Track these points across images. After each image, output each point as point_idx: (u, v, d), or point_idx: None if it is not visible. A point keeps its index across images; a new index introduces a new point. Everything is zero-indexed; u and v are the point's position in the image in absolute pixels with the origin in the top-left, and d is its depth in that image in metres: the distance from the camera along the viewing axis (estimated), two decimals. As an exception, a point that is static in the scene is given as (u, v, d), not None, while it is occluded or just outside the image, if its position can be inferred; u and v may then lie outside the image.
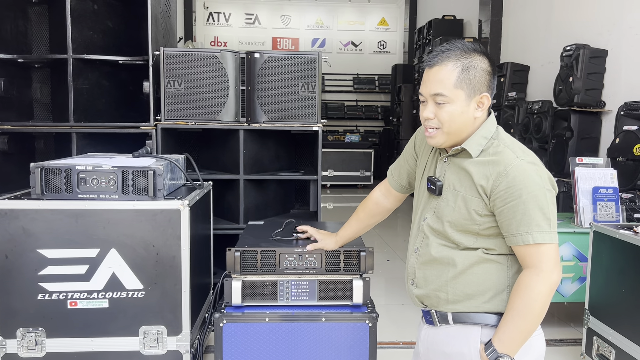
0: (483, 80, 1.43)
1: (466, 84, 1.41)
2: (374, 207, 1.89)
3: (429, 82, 1.45)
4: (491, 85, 1.46)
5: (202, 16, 11.44)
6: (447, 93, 1.41)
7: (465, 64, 1.41)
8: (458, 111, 1.43)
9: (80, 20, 3.01)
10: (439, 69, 1.42)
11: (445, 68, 1.42)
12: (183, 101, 2.97)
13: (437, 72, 1.43)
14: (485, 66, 1.44)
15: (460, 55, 1.42)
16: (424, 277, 1.53)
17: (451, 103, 1.42)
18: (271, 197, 3.32)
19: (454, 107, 1.42)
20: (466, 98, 1.42)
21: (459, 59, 1.42)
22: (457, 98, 1.42)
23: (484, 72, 1.43)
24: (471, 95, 1.42)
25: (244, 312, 1.98)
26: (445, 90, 1.41)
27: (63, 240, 2.13)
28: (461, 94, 1.42)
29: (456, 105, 1.42)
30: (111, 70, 3.21)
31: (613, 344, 2.40)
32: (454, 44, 1.45)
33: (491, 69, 1.45)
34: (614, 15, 4.53)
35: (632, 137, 3.80)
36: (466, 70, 1.41)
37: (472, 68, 1.42)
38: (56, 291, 2.16)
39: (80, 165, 2.13)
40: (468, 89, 1.42)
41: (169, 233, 2.18)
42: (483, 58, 1.44)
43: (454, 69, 1.41)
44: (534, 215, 1.36)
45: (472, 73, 1.41)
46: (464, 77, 1.41)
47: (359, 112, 11.34)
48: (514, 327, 1.37)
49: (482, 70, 1.43)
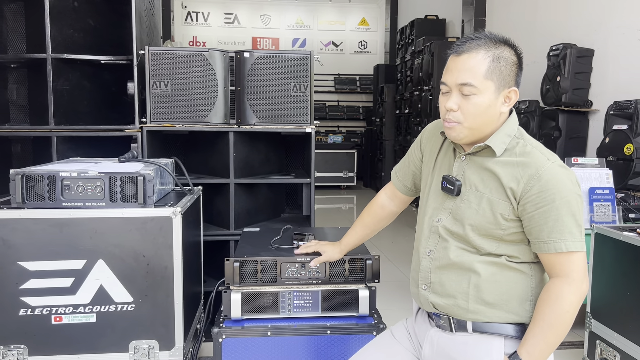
0: (512, 73, 1.36)
1: (497, 75, 1.34)
2: (379, 211, 1.80)
3: (456, 71, 1.36)
4: (518, 80, 1.39)
5: (180, 15, 11.24)
6: (476, 83, 1.33)
7: (496, 55, 1.34)
8: (485, 104, 1.34)
9: (59, 18, 2.86)
10: (469, 57, 1.34)
11: (476, 56, 1.34)
12: (170, 102, 2.84)
13: (467, 60, 1.34)
14: (515, 59, 1.37)
15: (490, 44, 1.35)
16: (441, 282, 1.44)
17: (479, 95, 1.34)
18: (262, 201, 3.21)
19: (482, 100, 1.34)
20: (495, 91, 1.34)
21: (489, 48, 1.34)
22: (487, 90, 1.34)
23: (513, 64, 1.36)
24: (500, 88, 1.35)
25: (244, 325, 1.87)
26: (475, 80, 1.33)
27: (46, 252, 1.99)
28: (491, 86, 1.34)
29: (484, 97, 1.34)
30: (93, 71, 3.06)
31: (618, 348, 2.36)
32: (483, 33, 1.37)
33: (519, 62, 1.38)
34: (600, 15, 4.54)
35: (622, 137, 3.79)
36: (497, 61, 1.33)
37: (502, 59, 1.34)
38: (39, 306, 2.02)
39: (64, 171, 2.00)
40: (498, 81, 1.34)
41: (160, 242, 2.06)
42: (512, 50, 1.38)
43: (485, 58, 1.33)
44: (567, 222, 1.28)
45: (502, 64, 1.34)
46: (495, 67, 1.33)
47: (340, 112, 11.28)
48: (542, 339, 1.30)
49: (512, 62, 1.36)
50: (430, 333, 1.49)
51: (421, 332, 1.54)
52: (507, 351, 1.37)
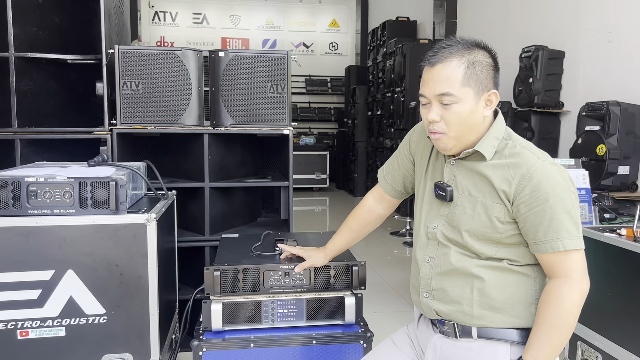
0: (489, 76, 1.33)
1: (474, 80, 1.30)
2: (367, 215, 1.75)
3: (432, 82, 1.32)
4: (497, 82, 1.36)
5: (147, 15, 11.01)
6: (454, 92, 1.29)
7: (471, 60, 1.31)
8: (467, 111, 1.31)
9: (22, 15, 2.72)
10: (443, 66, 1.31)
11: (450, 65, 1.30)
12: (141, 104, 2.73)
13: (442, 70, 1.31)
14: (490, 61, 1.34)
15: (463, 50, 1.31)
16: (443, 289, 1.40)
17: (459, 103, 1.30)
18: (237, 205, 3.12)
19: (463, 107, 1.31)
20: (475, 96, 1.31)
21: (462, 54, 1.31)
22: (466, 97, 1.30)
23: (489, 67, 1.33)
24: (479, 92, 1.32)
25: (225, 337, 1.78)
26: (453, 88, 1.29)
27: (11, 262, 1.87)
28: (469, 92, 1.30)
29: (465, 104, 1.30)
30: (59, 70, 2.92)
31: (599, 348, 2.36)
32: (454, 40, 1.34)
33: (494, 63, 1.35)
34: (570, 17, 4.60)
35: (594, 137, 3.84)
36: (472, 66, 1.30)
37: (477, 63, 1.31)
38: (3, 320, 1.89)
39: (30, 176, 1.88)
40: (476, 86, 1.31)
41: (134, 250, 1.95)
42: (486, 52, 1.35)
43: (459, 65, 1.30)
44: (563, 220, 1.25)
45: (478, 69, 1.31)
46: (471, 73, 1.30)
47: (312, 114, 11.23)
48: (547, 342, 1.26)
49: (488, 65, 1.33)
50: (434, 339, 1.45)
51: (424, 338, 1.50)
52: (512, 357, 1.34)
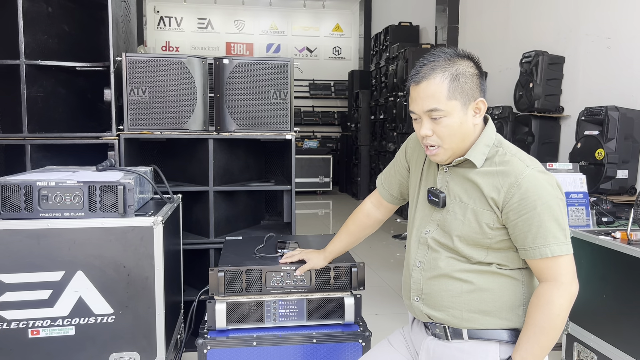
0: (474, 85, 1.37)
1: (459, 93, 1.35)
2: (365, 219, 1.81)
3: (419, 99, 1.37)
4: (483, 89, 1.40)
5: (152, 20, 11.13)
6: (441, 107, 1.34)
7: (454, 73, 1.35)
8: (457, 122, 1.36)
9: (33, 23, 2.80)
10: (428, 83, 1.35)
11: (433, 81, 1.35)
12: (147, 110, 2.80)
13: (427, 87, 1.35)
14: (473, 70, 1.38)
15: (445, 64, 1.36)
16: (432, 293, 1.45)
17: (448, 116, 1.35)
18: (241, 208, 3.19)
19: (452, 120, 1.36)
20: (462, 107, 1.36)
21: (445, 68, 1.35)
22: (453, 109, 1.35)
23: (473, 76, 1.37)
24: (467, 103, 1.36)
25: (229, 336, 1.85)
26: (440, 104, 1.34)
27: (23, 264, 1.93)
28: (456, 105, 1.35)
29: (454, 117, 1.36)
30: (68, 77, 3.00)
31: (595, 349, 2.41)
32: (436, 54, 1.38)
33: (479, 71, 1.40)
34: (570, 23, 4.66)
35: (593, 142, 3.89)
36: (456, 79, 1.34)
37: (461, 75, 1.35)
38: (16, 319, 1.95)
39: (41, 180, 1.95)
40: (462, 97, 1.35)
41: (141, 252, 2.02)
42: (468, 62, 1.39)
43: (443, 80, 1.34)
44: (550, 227, 1.31)
45: (462, 80, 1.35)
46: (456, 86, 1.34)
47: (315, 117, 11.30)
48: (536, 343, 1.32)
49: (471, 75, 1.37)
50: (427, 341, 1.50)
51: (417, 340, 1.55)
52: (502, 356, 1.39)
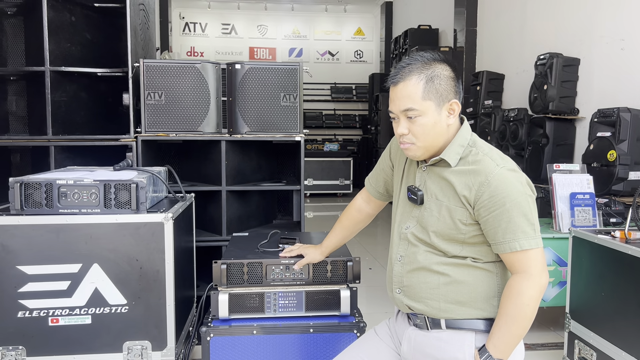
0: (449, 87, 1.46)
1: (433, 94, 1.44)
2: (356, 215, 1.92)
3: (396, 99, 1.47)
4: (458, 91, 1.49)
5: (178, 26, 11.39)
6: (416, 107, 1.44)
7: (429, 75, 1.44)
8: (431, 122, 1.46)
9: (57, 32, 2.97)
10: (404, 85, 1.45)
11: (409, 83, 1.44)
12: (163, 113, 2.95)
13: (403, 88, 1.45)
14: (448, 73, 1.47)
15: (421, 67, 1.45)
16: (412, 285, 1.54)
17: (423, 115, 1.45)
18: (254, 207, 3.31)
19: (426, 119, 1.45)
20: (436, 108, 1.45)
21: (421, 71, 1.45)
22: (428, 109, 1.45)
23: (448, 79, 1.46)
24: (440, 104, 1.46)
25: (231, 325, 1.97)
26: (415, 104, 1.44)
27: (44, 256, 2.09)
28: (431, 105, 1.45)
29: (428, 116, 1.45)
30: (90, 83, 3.17)
31: (594, 346, 2.45)
32: (414, 58, 1.48)
33: (454, 75, 1.49)
34: (585, 25, 4.66)
35: (605, 143, 3.89)
36: (431, 81, 1.44)
37: (436, 77, 1.44)
38: (37, 308, 2.11)
39: (60, 179, 2.10)
40: (436, 98, 1.45)
41: (153, 247, 2.15)
42: (444, 66, 1.48)
43: (419, 81, 1.44)
44: (519, 222, 1.39)
45: (437, 82, 1.44)
46: (430, 87, 1.44)
47: (337, 121, 11.39)
48: (507, 332, 1.40)
49: (446, 77, 1.46)
50: (408, 331, 1.59)
51: (400, 330, 1.64)
52: (477, 345, 1.47)
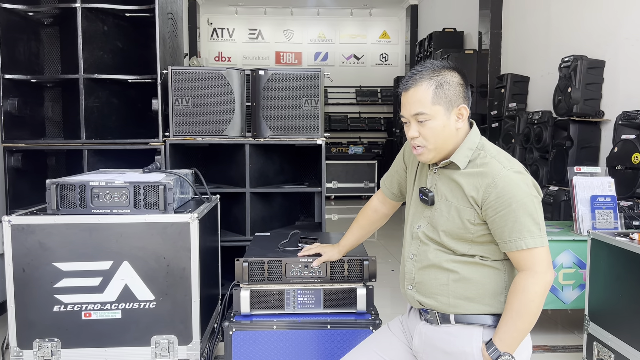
0: (458, 93, 1.54)
1: (442, 99, 1.52)
2: (373, 215, 2.00)
3: (408, 104, 1.56)
4: (466, 97, 1.57)
5: (206, 32, 11.61)
6: (426, 111, 1.52)
7: (438, 81, 1.53)
8: (440, 125, 1.53)
9: (90, 41, 3.13)
10: (415, 91, 1.54)
11: (420, 88, 1.53)
12: (190, 118, 3.07)
13: (414, 94, 1.54)
14: (457, 79, 1.55)
15: (431, 74, 1.53)
16: (423, 282, 1.62)
17: (432, 119, 1.53)
18: (277, 209, 3.40)
19: (436, 123, 1.53)
20: (445, 112, 1.53)
21: (431, 77, 1.53)
22: (437, 113, 1.53)
23: (457, 85, 1.54)
24: (449, 108, 1.54)
25: (252, 320, 2.06)
26: (425, 108, 1.52)
27: (78, 254, 2.21)
28: (440, 109, 1.53)
29: (437, 120, 1.53)
30: (121, 89, 3.32)
31: (612, 348, 2.46)
32: (424, 65, 1.57)
33: (463, 81, 1.57)
34: (611, 27, 4.62)
35: (630, 146, 3.86)
36: (440, 87, 1.52)
37: (445, 84, 1.53)
38: (71, 303, 2.23)
39: (93, 181, 2.22)
40: (445, 103, 1.53)
41: (179, 245, 2.25)
42: (454, 72, 1.56)
43: (429, 87, 1.52)
44: (525, 222, 1.45)
45: (446, 88, 1.52)
46: (439, 93, 1.52)
47: (362, 124, 11.44)
48: (513, 326, 1.46)
49: (455, 83, 1.54)
50: (419, 326, 1.66)
51: (412, 325, 1.71)
52: (485, 339, 1.53)
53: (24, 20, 3.24)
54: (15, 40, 3.16)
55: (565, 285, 3.00)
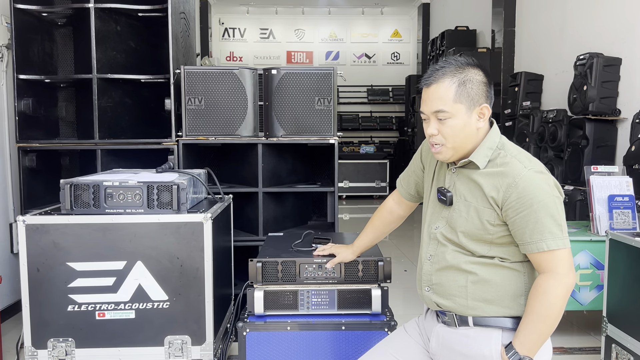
0: (480, 92, 1.50)
1: (465, 97, 1.47)
2: (388, 216, 1.97)
3: (428, 101, 1.51)
4: (489, 96, 1.52)
5: (217, 32, 11.64)
6: (447, 109, 1.48)
7: (461, 79, 1.48)
8: (460, 124, 1.49)
9: (104, 41, 3.13)
10: (437, 87, 1.49)
11: (442, 85, 1.48)
12: (203, 117, 3.06)
13: (435, 90, 1.49)
14: (481, 78, 1.50)
15: (455, 70, 1.49)
16: (441, 283, 1.58)
17: (453, 118, 1.48)
18: (289, 209, 3.39)
19: (456, 121, 1.49)
20: (467, 111, 1.49)
21: (454, 74, 1.48)
22: (458, 112, 1.48)
23: (480, 84, 1.50)
24: (471, 107, 1.49)
25: (266, 321, 2.05)
26: (446, 106, 1.48)
27: (91, 254, 2.21)
28: (461, 108, 1.48)
29: (458, 119, 1.49)
30: (134, 89, 3.32)
31: (631, 351, 2.41)
32: (448, 61, 1.52)
33: (487, 80, 1.52)
34: (627, 24, 4.55)
35: (647, 145, 3.80)
36: (463, 85, 1.47)
37: (468, 82, 1.48)
38: (85, 302, 2.23)
39: (107, 181, 2.22)
40: (467, 102, 1.48)
41: (193, 245, 2.25)
42: (478, 70, 1.51)
43: (451, 84, 1.47)
44: (546, 223, 1.41)
45: (469, 86, 1.48)
46: (462, 91, 1.47)
47: (373, 123, 11.40)
48: (534, 329, 1.42)
49: (479, 82, 1.49)
50: (437, 328, 1.63)
51: (429, 327, 1.68)
52: (504, 342, 1.50)
53: (38, 20, 3.26)
54: (29, 41, 3.17)
55: (582, 287, 2.95)
